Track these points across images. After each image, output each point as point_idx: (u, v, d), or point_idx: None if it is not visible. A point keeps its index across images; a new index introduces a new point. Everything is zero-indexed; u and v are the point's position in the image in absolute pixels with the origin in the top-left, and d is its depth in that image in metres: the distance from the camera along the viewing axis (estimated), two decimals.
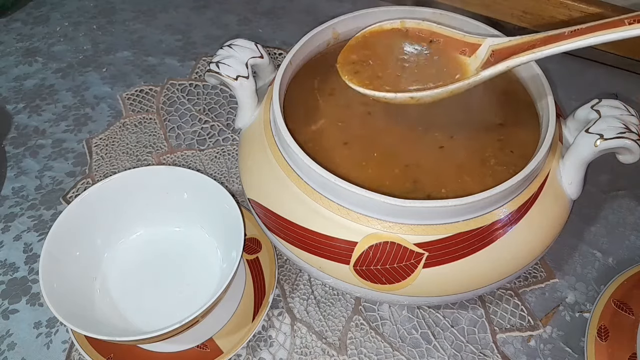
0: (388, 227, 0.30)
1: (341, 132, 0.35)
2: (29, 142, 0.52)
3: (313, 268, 0.33)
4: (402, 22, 0.36)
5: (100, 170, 0.49)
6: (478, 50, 0.33)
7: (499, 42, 0.32)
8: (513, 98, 0.37)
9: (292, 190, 0.32)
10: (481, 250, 0.30)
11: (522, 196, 0.31)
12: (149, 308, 0.38)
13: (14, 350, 0.38)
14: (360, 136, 0.35)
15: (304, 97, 0.37)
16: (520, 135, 0.35)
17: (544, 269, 0.43)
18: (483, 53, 0.33)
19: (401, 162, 0.33)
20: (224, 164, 0.50)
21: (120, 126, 0.53)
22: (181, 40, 0.62)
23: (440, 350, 0.39)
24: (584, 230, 0.46)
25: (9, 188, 0.48)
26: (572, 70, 0.58)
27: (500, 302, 0.41)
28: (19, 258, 0.43)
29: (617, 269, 0.43)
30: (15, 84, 0.57)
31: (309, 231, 0.31)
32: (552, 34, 0.29)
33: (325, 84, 0.38)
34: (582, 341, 0.39)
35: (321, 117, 0.36)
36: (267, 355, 0.38)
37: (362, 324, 0.40)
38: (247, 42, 0.37)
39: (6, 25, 0.64)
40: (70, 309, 0.33)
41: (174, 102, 0.55)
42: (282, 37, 0.62)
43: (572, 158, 0.33)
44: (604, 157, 0.32)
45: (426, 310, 0.41)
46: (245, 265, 0.41)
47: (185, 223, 0.41)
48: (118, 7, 0.67)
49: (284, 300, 0.41)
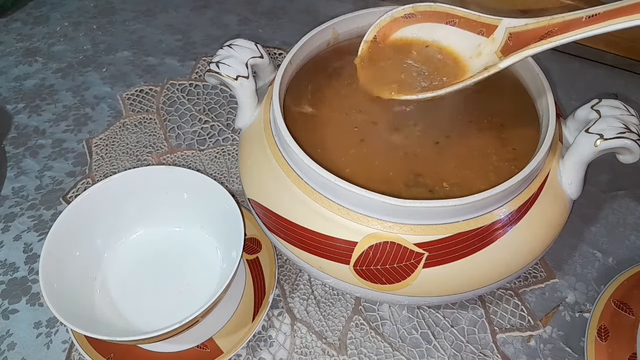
0: (388, 227, 0.30)
1: (341, 131, 0.35)
2: (29, 142, 0.52)
3: (313, 268, 0.33)
4: (414, 7, 0.36)
5: (100, 170, 0.49)
6: (495, 32, 0.32)
7: (517, 25, 0.31)
8: (514, 98, 0.37)
9: (292, 190, 0.32)
10: (481, 250, 0.30)
11: (522, 196, 0.31)
12: (149, 308, 0.38)
13: (14, 350, 0.38)
14: (361, 136, 0.35)
15: (304, 97, 0.37)
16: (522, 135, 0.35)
17: (544, 269, 0.43)
18: (501, 35, 0.32)
19: (402, 162, 0.33)
20: (224, 164, 0.50)
21: (120, 126, 0.53)
22: (181, 40, 0.62)
23: (440, 350, 0.39)
24: (584, 230, 0.46)
25: (9, 188, 0.48)
26: (572, 70, 0.58)
27: (500, 302, 0.41)
28: (19, 258, 0.43)
29: (617, 269, 0.43)
30: (15, 84, 0.57)
31: (309, 231, 0.31)
32: (570, 18, 0.28)
33: (325, 84, 0.38)
34: (582, 341, 0.39)
35: (321, 117, 0.36)
36: (267, 355, 0.38)
37: (362, 324, 0.40)
38: (247, 42, 0.37)
39: (6, 25, 0.64)
40: (70, 309, 0.33)
41: (174, 102, 0.55)
42: (282, 37, 0.62)
43: (572, 158, 0.33)
44: (604, 157, 0.32)
45: (426, 310, 0.41)
46: (245, 265, 0.41)
47: (185, 223, 0.41)
48: (118, 7, 0.67)
49: (284, 300, 0.41)
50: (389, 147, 0.34)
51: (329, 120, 0.36)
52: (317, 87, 0.38)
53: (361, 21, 0.40)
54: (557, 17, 0.29)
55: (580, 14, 0.27)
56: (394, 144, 0.34)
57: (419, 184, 0.32)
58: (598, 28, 0.26)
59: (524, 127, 0.35)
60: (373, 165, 0.33)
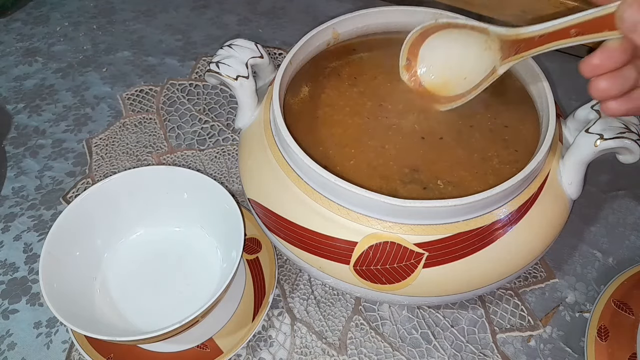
0: (388, 227, 0.30)
1: (341, 131, 0.35)
2: (29, 142, 0.52)
3: (313, 268, 0.33)
4: (423, 28, 0.36)
5: (100, 170, 0.49)
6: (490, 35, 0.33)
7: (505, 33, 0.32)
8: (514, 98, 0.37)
9: (292, 190, 0.32)
10: (481, 250, 0.30)
11: (522, 196, 0.31)
12: (149, 308, 0.38)
13: (14, 350, 0.38)
14: (362, 136, 0.35)
15: (304, 97, 0.37)
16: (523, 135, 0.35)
17: (544, 269, 0.43)
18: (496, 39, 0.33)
19: (403, 161, 0.33)
20: (224, 164, 0.50)
21: (120, 126, 0.53)
22: (181, 40, 0.62)
23: (440, 350, 0.39)
24: (584, 230, 0.46)
25: (9, 188, 0.48)
26: (572, 70, 0.57)
27: (500, 302, 0.41)
28: (19, 258, 0.43)
29: (617, 269, 0.43)
30: (15, 84, 0.57)
31: (309, 231, 0.31)
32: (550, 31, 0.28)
33: (325, 84, 0.38)
34: (582, 341, 0.39)
35: (321, 117, 0.36)
36: (267, 355, 0.38)
37: (362, 324, 0.40)
38: (247, 42, 0.37)
39: (6, 25, 0.64)
40: (70, 309, 0.33)
41: (174, 102, 0.55)
42: (282, 37, 0.62)
43: (572, 158, 0.33)
44: (604, 157, 0.32)
45: (426, 310, 0.41)
46: (245, 265, 0.41)
47: (185, 223, 0.41)
48: (118, 7, 0.67)
49: (284, 300, 0.41)
50: (389, 147, 0.34)
51: (329, 120, 0.36)
52: (317, 87, 0.38)
53: (361, 21, 0.40)
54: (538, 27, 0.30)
55: (566, 24, 0.27)
56: (394, 143, 0.34)
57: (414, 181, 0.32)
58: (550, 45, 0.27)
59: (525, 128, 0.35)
60: (373, 166, 0.33)
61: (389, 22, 0.40)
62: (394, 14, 0.40)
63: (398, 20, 0.40)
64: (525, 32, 0.30)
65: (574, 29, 0.26)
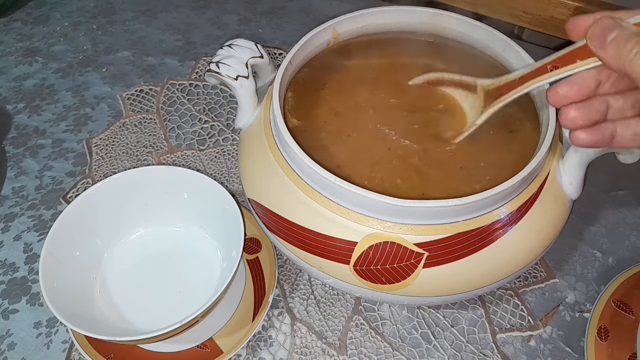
0: (388, 227, 0.30)
1: (341, 131, 0.35)
2: (29, 142, 0.52)
3: (313, 268, 0.33)
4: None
5: (100, 170, 0.49)
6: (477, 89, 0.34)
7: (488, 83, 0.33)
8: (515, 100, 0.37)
9: (292, 190, 0.32)
10: (481, 250, 0.30)
11: (522, 196, 0.31)
12: (148, 308, 0.38)
13: (14, 350, 0.38)
14: (362, 135, 0.35)
15: (304, 97, 0.37)
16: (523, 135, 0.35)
17: (544, 269, 0.43)
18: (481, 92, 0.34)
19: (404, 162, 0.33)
20: (224, 164, 0.50)
21: (120, 126, 0.53)
22: (181, 40, 0.62)
23: (440, 350, 0.39)
24: (584, 230, 0.46)
25: (9, 188, 0.48)
26: None
27: (500, 302, 0.41)
28: (19, 258, 0.43)
29: (617, 269, 0.43)
30: (15, 84, 0.57)
31: (309, 231, 0.31)
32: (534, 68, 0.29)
33: (325, 84, 0.38)
34: (582, 341, 0.39)
35: (321, 117, 0.36)
36: (267, 355, 0.38)
37: (362, 324, 0.40)
38: (247, 42, 0.37)
39: (6, 25, 0.64)
40: (70, 309, 0.33)
41: (174, 102, 0.55)
42: (282, 37, 0.62)
43: (572, 158, 0.33)
44: (604, 157, 0.32)
45: (426, 310, 0.41)
46: (245, 265, 0.41)
47: (185, 223, 0.41)
48: (118, 7, 0.67)
49: (284, 300, 0.41)
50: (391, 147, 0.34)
51: (329, 120, 0.36)
52: (317, 87, 0.38)
53: (361, 21, 0.40)
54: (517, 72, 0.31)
55: (543, 62, 0.28)
56: (395, 143, 0.34)
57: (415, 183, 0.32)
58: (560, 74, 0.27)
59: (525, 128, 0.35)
60: (374, 165, 0.33)
61: (389, 22, 0.40)
62: (394, 14, 0.40)
63: (398, 20, 0.40)
64: (505, 78, 0.32)
65: (550, 65, 0.28)
